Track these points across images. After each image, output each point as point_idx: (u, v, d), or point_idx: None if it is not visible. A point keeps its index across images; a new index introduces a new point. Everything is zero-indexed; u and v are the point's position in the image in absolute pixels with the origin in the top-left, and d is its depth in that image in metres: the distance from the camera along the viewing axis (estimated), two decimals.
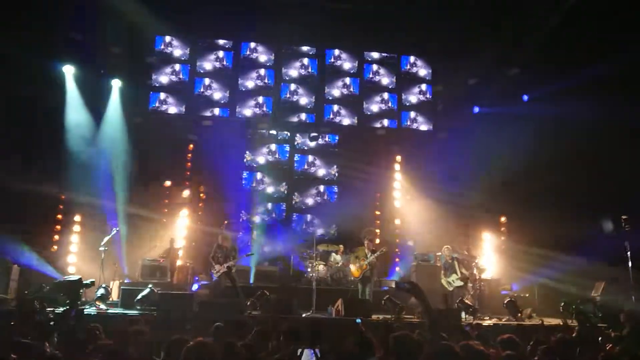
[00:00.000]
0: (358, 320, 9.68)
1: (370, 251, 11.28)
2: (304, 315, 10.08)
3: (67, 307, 8.78)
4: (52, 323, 6.03)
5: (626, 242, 11.04)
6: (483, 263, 13.12)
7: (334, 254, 13.64)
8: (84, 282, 10.03)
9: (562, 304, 10.11)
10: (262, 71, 16.04)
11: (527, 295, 12.35)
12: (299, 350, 4.57)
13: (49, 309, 7.63)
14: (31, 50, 12.33)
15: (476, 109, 15.82)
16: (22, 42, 12.27)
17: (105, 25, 13.84)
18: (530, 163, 13.78)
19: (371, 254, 11.20)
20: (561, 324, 8.13)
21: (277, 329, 5.42)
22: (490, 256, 14.37)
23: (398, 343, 4.20)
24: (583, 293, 11.48)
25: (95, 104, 14.06)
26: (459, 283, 11.49)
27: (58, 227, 13.64)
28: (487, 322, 10.31)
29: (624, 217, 11.28)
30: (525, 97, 15.09)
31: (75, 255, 13.17)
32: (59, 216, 13.68)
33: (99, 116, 14.07)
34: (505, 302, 11.30)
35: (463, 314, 10.55)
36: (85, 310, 8.48)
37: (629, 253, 10.99)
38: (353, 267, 11.56)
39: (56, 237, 13.47)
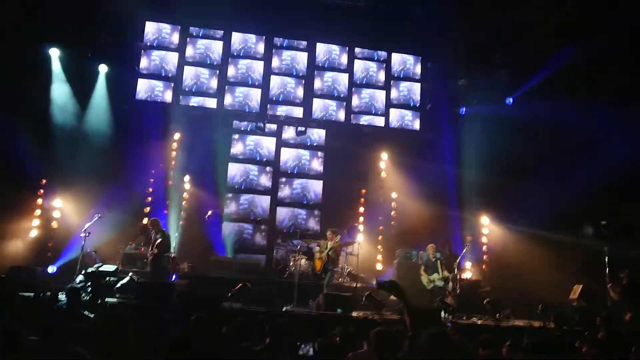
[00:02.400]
0: (339, 310, 9.82)
1: (332, 242, 11.45)
2: (284, 309, 10.10)
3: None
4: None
5: (605, 247, 11.20)
6: (463, 263, 13.26)
7: (316, 248, 13.63)
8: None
9: (540, 306, 10.26)
10: (251, 63, 15.95)
11: (505, 296, 12.44)
12: (298, 344, 4.63)
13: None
14: (16, 31, 12.12)
15: (463, 110, 15.89)
16: (7, 22, 12.05)
17: (94, 8, 13.63)
18: (514, 164, 13.96)
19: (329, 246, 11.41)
20: (540, 325, 8.23)
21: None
22: (471, 256, 14.48)
23: (378, 338, 4.27)
24: (561, 296, 11.61)
25: (81, 88, 13.89)
26: (440, 283, 11.65)
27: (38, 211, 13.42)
28: (465, 322, 10.40)
29: (603, 222, 11.43)
30: (510, 100, 15.18)
31: (55, 241, 13.00)
32: (39, 201, 13.44)
33: (85, 100, 13.89)
34: (485, 301, 11.43)
35: (442, 313, 10.64)
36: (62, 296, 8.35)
37: (607, 258, 11.16)
38: (316, 261, 11.72)
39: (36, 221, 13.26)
